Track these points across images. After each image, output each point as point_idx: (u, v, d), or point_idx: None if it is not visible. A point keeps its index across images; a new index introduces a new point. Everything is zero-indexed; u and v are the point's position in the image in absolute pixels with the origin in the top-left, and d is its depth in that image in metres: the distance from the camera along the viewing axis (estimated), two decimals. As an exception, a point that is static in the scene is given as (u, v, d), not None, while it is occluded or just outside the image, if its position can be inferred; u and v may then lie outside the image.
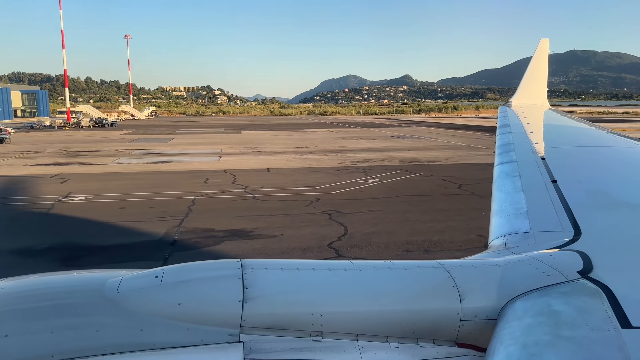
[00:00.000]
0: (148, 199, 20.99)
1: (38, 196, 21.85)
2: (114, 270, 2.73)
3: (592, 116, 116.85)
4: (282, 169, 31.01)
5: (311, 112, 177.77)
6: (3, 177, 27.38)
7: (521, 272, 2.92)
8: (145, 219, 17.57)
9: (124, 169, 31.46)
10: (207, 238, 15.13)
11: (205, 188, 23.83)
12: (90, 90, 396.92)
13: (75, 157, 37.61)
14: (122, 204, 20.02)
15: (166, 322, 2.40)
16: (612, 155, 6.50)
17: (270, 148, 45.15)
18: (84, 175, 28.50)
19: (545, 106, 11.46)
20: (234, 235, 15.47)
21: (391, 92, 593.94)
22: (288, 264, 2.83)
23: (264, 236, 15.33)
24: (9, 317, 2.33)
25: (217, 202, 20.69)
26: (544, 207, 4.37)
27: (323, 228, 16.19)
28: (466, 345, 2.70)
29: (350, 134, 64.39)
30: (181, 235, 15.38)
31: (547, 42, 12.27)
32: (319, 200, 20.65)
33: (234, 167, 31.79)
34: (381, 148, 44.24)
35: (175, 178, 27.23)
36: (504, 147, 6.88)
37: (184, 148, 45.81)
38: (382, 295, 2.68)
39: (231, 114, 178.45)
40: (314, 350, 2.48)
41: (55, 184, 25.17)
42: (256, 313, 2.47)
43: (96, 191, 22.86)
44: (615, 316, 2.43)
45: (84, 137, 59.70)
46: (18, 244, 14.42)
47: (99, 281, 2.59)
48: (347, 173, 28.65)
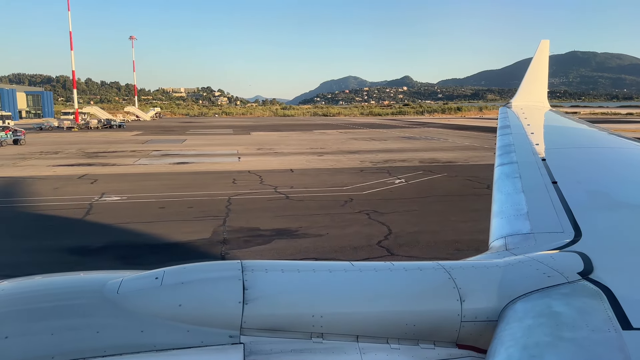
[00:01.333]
0: (184, 199, 21.29)
1: (73, 196, 22.11)
2: (114, 272, 2.75)
3: (595, 117, 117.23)
4: (305, 169, 31.30)
5: (314, 114, 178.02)
6: (32, 178, 27.64)
7: (522, 274, 2.92)
8: (189, 219, 17.87)
9: (147, 169, 31.75)
10: (256, 237, 15.43)
11: (235, 188, 24.12)
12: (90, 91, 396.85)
13: (95, 158, 37.90)
14: (160, 204, 20.32)
15: (166, 324, 2.40)
16: (613, 157, 6.49)
17: (285, 149, 45.44)
18: (111, 175, 28.79)
19: (545, 107, 11.48)
20: (281, 234, 15.77)
21: (391, 93, 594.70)
22: (288, 265, 2.84)
23: (310, 235, 15.63)
24: (10, 318, 2.34)
25: (252, 202, 20.98)
26: (545, 208, 4.37)
27: (366, 227, 16.49)
28: (467, 347, 2.70)
29: (360, 135, 64.69)
30: (230, 235, 15.67)
31: (547, 43, 12.32)
32: (352, 201, 20.95)
33: (257, 167, 32.08)
34: (396, 149, 44.55)
35: (202, 179, 27.51)
36: (504, 148, 6.90)
37: (199, 149, 46.08)
38: (383, 297, 2.68)
39: (234, 115, 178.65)
40: (315, 351, 2.48)
41: (85, 185, 25.46)
42: (256, 314, 2.48)
43: (129, 191, 23.15)
44: (615, 317, 2.43)
45: (96, 138, 59.96)
46: (72, 243, 14.72)
47: (99, 282, 2.60)
48: (371, 173, 28.96)
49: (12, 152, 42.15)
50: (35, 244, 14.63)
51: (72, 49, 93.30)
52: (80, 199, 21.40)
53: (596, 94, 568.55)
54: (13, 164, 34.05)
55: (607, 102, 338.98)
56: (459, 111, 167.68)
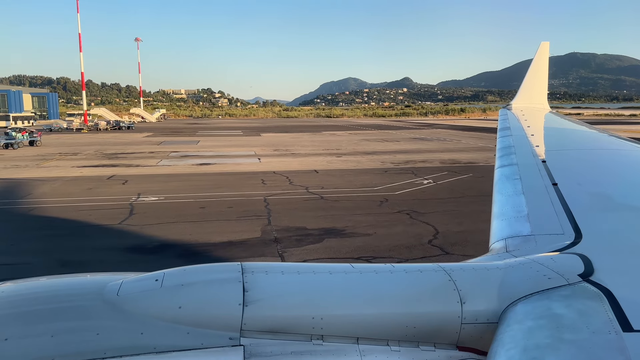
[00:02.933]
0: (221, 200, 21.55)
1: (110, 197, 22.37)
2: (114, 274, 2.76)
3: (599, 119, 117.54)
4: (328, 170, 31.56)
5: (317, 115, 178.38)
6: (61, 179, 27.87)
7: (522, 275, 2.93)
8: (232, 218, 18.13)
9: (172, 170, 32.01)
10: (306, 236, 15.69)
11: (267, 189, 24.38)
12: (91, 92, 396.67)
13: (116, 159, 38.14)
14: (199, 204, 20.57)
15: (166, 326, 2.41)
16: (613, 158, 6.48)
17: (301, 150, 45.69)
18: (139, 176, 29.02)
19: (545, 109, 11.54)
20: (329, 233, 16.02)
21: (391, 95, 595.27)
22: (288, 267, 2.85)
23: (358, 234, 15.89)
24: (10, 320, 2.34)
25: (289, 202, 21.23)
26: (545, 210, 4.36)
27: (411, 227, 16.76)
28: (467, 349, 2.70)
29: (370, 136, 64.97)
30: (279, 234, 15.93)
31: (547, 45, 12.36)
32: (388, 201, 21.22)
33: (280, 168, 32.33)
34: (412, 150, 44.83)
35: (230, 179, 27.77)
36: (504, 150, 6.90)
37: (216, 150, 46.33)
38: (383, 299, 2.68)
39: (238, 116, 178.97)
40: (315, 353, 2.48)
41: (117, 185, 25.71)
42: (257, 316, 2.48)
43: (162, 192, 23.40)
44: (616, 319, 2.43)
45: (109, 140, 60.19)
46: (127, 242, 15.00)
47: (99, 284, 2.61)
48: (395, 174, 29.23)
49: (31, 154, 42.38)
50: (97, 243, 14.89)
51: (81, 51, 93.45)
52: (119, 199, 21.66)
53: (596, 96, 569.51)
54: (37, 165, 34.29)
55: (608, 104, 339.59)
56: (463, 112, 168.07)
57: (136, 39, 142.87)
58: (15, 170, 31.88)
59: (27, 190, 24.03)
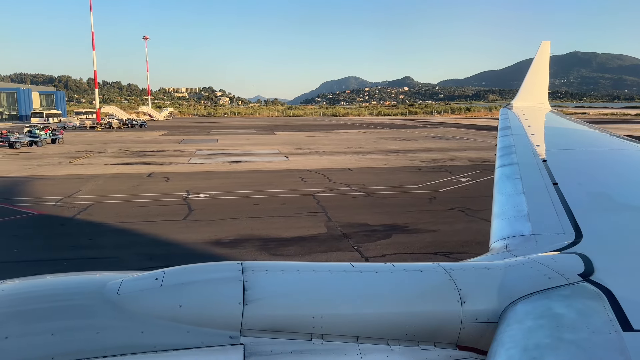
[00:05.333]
0: (272, 197, 21.91)
1: (160, 193, 22.74)
2: (114, 273, 2.77)
3: (606, 118, 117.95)
4: (361, 168, 31.91)
5: (322, 114, 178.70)
6: (101, 176, 28.20)
7: (522, 275, 2.93)
8: (290, 214, 18.49)
9: (206, 168, 32.32)
10: (372, 232, 16.04)
11: (309, 186, 24.73)
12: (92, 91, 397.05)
13: (145, 157, 38.49)
14: (252, 201, 20.91)
15: (167, 324, 2.41)
16: (613, 158, 6.48)
17: (324, 148, 46.02)
18: (177, 174, 29.36)
19: (546, 108, 11.54)
20: (393, 229, 16.38)
21: (392, 94, 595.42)
22: (289, 266, 2.85)
23: (423, 230, 16.24)
24: (10, 318, 2.35)
25: (337, 199, 21.56)
26: (545, 209, 4.36)
27: (471, 224, 17.12)
28: (467, 348, 2.70)
29: (386, 135, 65.30)
30: (344, 230, 16.28)
31: (548, 44, 12.35)
32: (436, 198, 21.58)
33: (312, 166, 32.66)
34: (434, 149, 45.16)
35: (268, 177, 28.12)
36: (505, 150, 6.89)
37: (239, 148, 46.66)
38: (383, 298, 2.68)
39: (243, 115, 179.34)
40: (315, 352, 2.48)
41: (161, 183, 26.07)
42: (257, 315, 2.48)
43: (208, 189, 23.74)
44: (616, 319, 2.43)
45: (127, 138, 60.52)
46: (203, 237, 15.34)
47: (99, 283, 2.61)
48: (430, 172, 29.58)
49: (57, 151, 42.71)
50: (173, 238, 15.27)
51: (94, 49, 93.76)
52: (170, 196, 22.01)
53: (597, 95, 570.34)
54: (69, 163, 34.63)
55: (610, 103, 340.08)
56: (469, 111, 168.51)
57: (144, 37, 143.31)
58: (50, 167, 32.22)
59: (74, 187, 24.34)
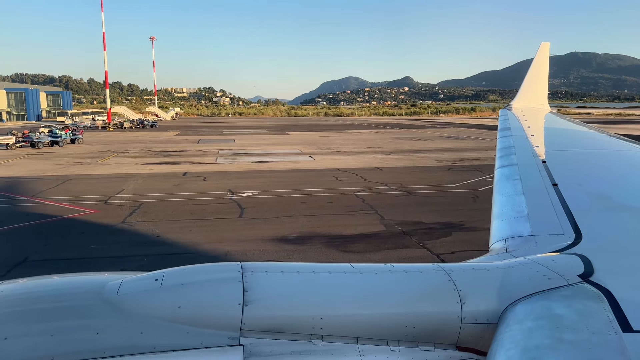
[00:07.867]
0: (314, 195, 22.23)
1: (204, 192, 23.05)
2: (114, 273, 2.79)
3: (610, 118, 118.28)
4: (391, 168, 32.23)
5: (326, 114, 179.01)
6: (138, 175, 28.47)
7: (522, 276, 2.93)
8: (341, 212, 18.79)
9: (236, 167, 32.59)
10: (430, 230, 16.35)
11: (348, 185, 25.03)
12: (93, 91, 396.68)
13: (171, 157, 38.78)
14: (297, 200, 21.21)
15: (166, 325, 2.41)
16: (613, 159, 6.48)
17: (345, 148, 46.31)
18: (211, 173, 29.64)
19: (546, 109, 11.57)
20: (450, 227, 16.69)
21: (392, 94, 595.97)
22: (288, 267, 2.86)
23: (481, 228, 16.46)
24: (9, 319, 2.36)
25: (381, 197, 21.85)
26: (545, 210, 4.37)
27: (524, 221, 17.40)
28: (467, 349, 2.71)
29: (400, 135, 65.62)
30: (402, 227, 16.58)
31: (547, 45, 12.41)
32: (479, 197, 21.87)
33: (341, 166, 32.96)
34: (453, 148, 45.51)
35: (302, 176, 28.42)
36: (504, 150, 6.90)
37: (258, 148, 46.98)
38: (383, 299, 2.69)
39: (247, 115, 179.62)
40: (314, 353, 2.48)
41: (199, 182, 26.37)
42: (256, 316, 2.48)
43: (249, 188, 24.04)
44: (616, 320, 2.44)
45: (143, 138, 60.80)
46: (268, 234, 15.64)
47: (99, 284, 2.61)
48: (462, 172, 29.90)
49: (80, 151, 42.97)
50: (237, 235, 15.58)
51: (105, 49, 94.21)
52: (215, 195, 22.30)
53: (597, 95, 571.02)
54: (98, 162, 34.90)
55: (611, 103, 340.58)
56: (473, 111, 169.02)
57: (151, 37, 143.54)
58: (82, 167, 32.49)
59: (116, 186, 24.63)
